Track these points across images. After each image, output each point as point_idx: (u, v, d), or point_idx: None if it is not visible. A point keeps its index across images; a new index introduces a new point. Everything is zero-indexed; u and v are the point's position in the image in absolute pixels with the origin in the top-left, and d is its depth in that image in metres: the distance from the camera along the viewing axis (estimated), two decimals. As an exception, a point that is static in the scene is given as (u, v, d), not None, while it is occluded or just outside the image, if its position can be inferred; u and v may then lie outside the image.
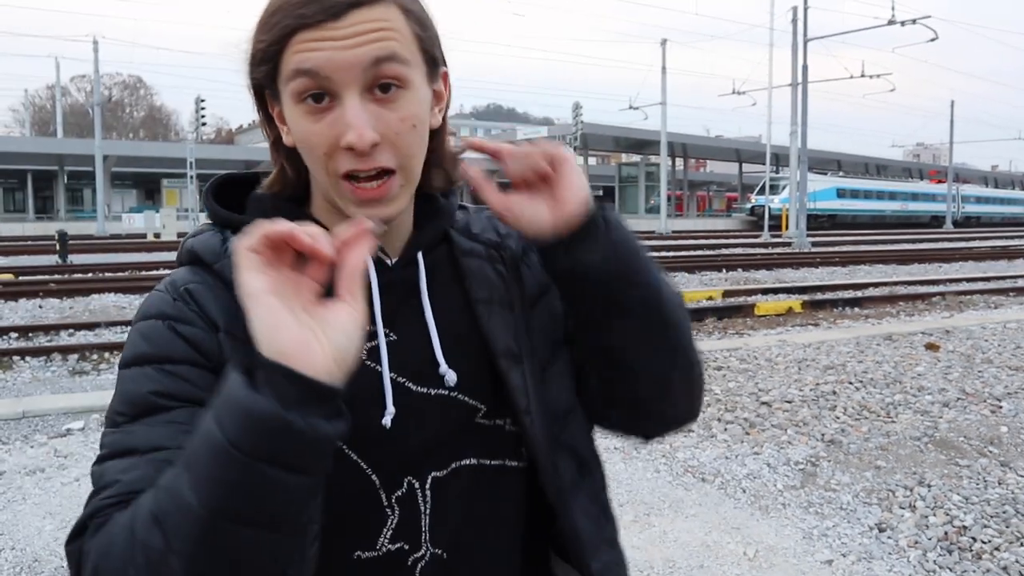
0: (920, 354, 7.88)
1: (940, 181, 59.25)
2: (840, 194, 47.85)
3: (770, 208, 36.77)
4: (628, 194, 50.67)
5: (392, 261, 0.89)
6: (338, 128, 0.77)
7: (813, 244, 27.48)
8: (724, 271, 17.83)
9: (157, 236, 29.62)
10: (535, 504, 0.92)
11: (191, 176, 31.74)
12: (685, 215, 53.18)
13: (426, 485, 0.86)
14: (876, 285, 15.02)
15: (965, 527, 3.89)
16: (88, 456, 4.89)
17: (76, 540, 0.73)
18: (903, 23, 28.01)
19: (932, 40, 29.00)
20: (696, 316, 10.99)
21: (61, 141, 45.16)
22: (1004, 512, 4.04)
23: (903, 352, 7.96)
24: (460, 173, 0.92)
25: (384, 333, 0.85)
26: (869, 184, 52.35)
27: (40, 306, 11.71)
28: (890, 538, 3.84)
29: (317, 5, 0.76)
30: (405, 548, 0.85)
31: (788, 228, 33.69)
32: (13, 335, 9.12)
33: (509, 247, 0.96)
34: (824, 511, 4.16)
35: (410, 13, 0.81)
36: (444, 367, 0.86)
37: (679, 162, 52.78)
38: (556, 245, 0.83)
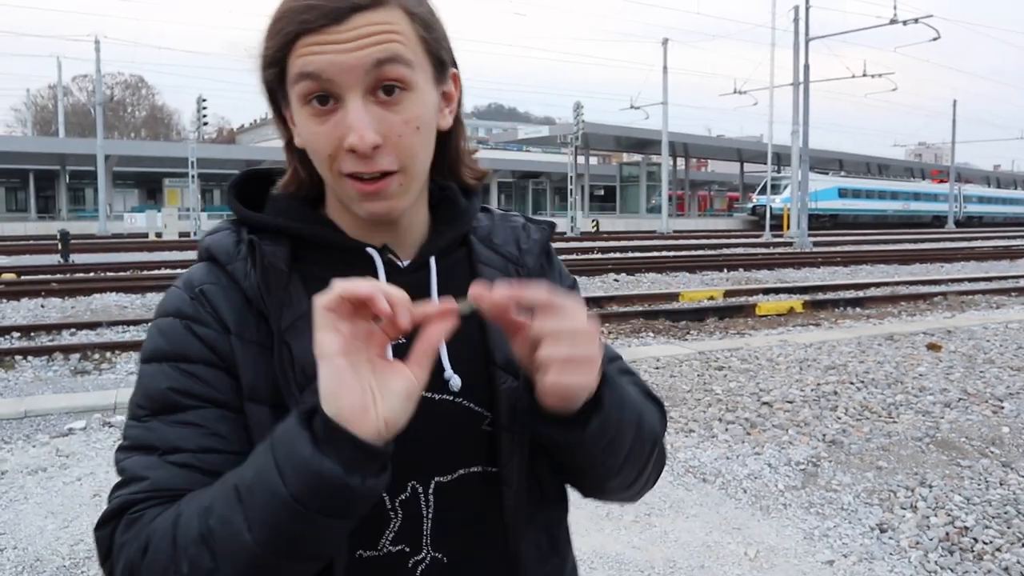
0: (922, 354, 7.88)
1: (942, 181, 59.20)
2: (842, 194, 47.86)
3: (771, 208, 36.79)
4: (629, 194, 50.74)
5: (404, 264, 0.89)
6: (341, 130, 0.78)
7: (815, 244, 27.49)
8: (725, 271, 17.85)
9: (159, 236, 29.64)
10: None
11: (192, 176, 31.74)
12: (686, 215, 53.12)
13: (429, 490, 0.86)
14: (878, 285, 15.01)
15: (966, 528, 3.89)
16: (90, 456, 4.90)
17: (106, 526, 0.78)
18: (905, 22, 28.03)
19: (934, 39, 29.03)
20: (697, 316, 11.01)
21: (63, 141, 45.16)
22: (1006, 513, 4.04)
23: (905, 352, 7.96)
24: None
25: None
26: (871, 184, 52.35)
27: (42, 305, 11.73)
28: (891, 539, 3.84)
29: (319, 10, 0.77)
30: (406, 551, 0.85)
31: (789, 228, 33.68)
32: (15, 334, 9.13)
33: (527, 264, 0.97)
34: (825, 511, 4.16)
35: (415, 16, 0.81)
36: (449, 371, 0.87)
37: (680, 162, 52.78)
38: (559, 420, 0.80)
